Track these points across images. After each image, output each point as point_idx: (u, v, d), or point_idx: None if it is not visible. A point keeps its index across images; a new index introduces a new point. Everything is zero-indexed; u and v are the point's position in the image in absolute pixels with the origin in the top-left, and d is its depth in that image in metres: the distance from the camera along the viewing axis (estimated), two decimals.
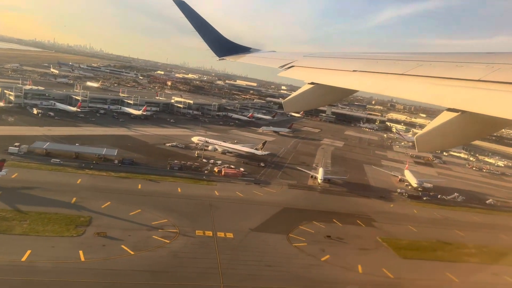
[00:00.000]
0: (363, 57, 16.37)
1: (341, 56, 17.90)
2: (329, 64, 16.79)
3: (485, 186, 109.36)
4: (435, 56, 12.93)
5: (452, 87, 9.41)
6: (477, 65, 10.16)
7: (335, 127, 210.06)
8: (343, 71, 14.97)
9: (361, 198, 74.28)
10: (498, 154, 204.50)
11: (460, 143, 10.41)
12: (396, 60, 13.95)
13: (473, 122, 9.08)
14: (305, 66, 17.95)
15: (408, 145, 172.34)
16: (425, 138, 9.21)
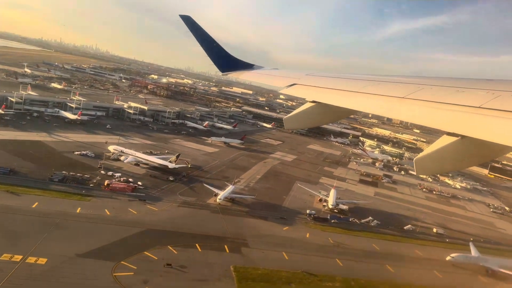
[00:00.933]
0: (365, 79, 16.46)
1: (343, 77, 18.32)
2: (330, 84, 17.08)
3: (419, 210, 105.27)
4: (436, 80, 13.15)
5: (452, 112, 9.46)
6: (478, 91, 10.32)
7: (302, 139, 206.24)
8: (345, 91, 15.16)
9: (258, 219, 70.20)
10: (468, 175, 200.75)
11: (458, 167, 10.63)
12: (398, 83, 14.19)
13: (473, 148, 9.19)
14: (307, 85, 18.03)
15: (367, 161, 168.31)
16: (424, 161, 9.47)
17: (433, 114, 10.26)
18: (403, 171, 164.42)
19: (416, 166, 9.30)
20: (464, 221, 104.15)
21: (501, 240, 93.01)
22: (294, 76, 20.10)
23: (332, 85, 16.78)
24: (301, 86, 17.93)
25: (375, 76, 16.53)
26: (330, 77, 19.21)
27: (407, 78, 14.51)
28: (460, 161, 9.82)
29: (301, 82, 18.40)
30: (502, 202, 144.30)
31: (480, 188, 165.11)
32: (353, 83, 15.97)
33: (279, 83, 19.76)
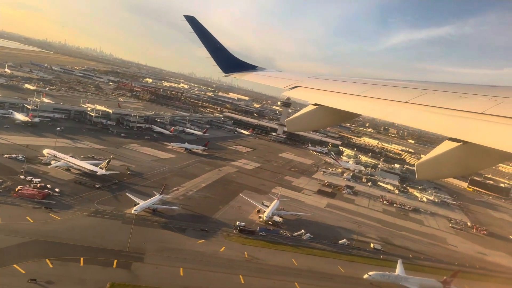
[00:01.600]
0: (368, 82, 16.31)
1: (346, 80, 18.08)
2: (333, 87, 16.91)
3: (368, 223, 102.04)
4: (438, 86, 13.07)
5: (454, 117, 9.68)
6: (480, 97, 10.49)
7: (278, 147, 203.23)
8: (347, 94, 15.07)
9: (173, 231, 66.99)
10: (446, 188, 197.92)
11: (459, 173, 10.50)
12: (400, 87, 14.06)
13: (474, 153, 9.30)
14: (310, 87, 17.82)
15: (336, 172, 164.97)
16: (425, 166, 9.53)
17: (435, 119, 10.24)
18: (371, 182, 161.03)
19: (417, 171, 9.30)
20: (414, 236, 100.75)
21: (445, 257, 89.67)
22: (296, 78, 19.88)
23: (334, 88, 16.75)
24: (303, 89, 17.85)
25: (378, 80, 16.43)
26: (333, 80, 19.09)
27: (410, 83, 14.44)
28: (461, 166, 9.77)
29: (303, 85, 18.33)
30: (468, 218, 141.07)
31: (449, 202, 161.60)
32: (356, 87, 15.94)
33: (281, 85, 19.72)
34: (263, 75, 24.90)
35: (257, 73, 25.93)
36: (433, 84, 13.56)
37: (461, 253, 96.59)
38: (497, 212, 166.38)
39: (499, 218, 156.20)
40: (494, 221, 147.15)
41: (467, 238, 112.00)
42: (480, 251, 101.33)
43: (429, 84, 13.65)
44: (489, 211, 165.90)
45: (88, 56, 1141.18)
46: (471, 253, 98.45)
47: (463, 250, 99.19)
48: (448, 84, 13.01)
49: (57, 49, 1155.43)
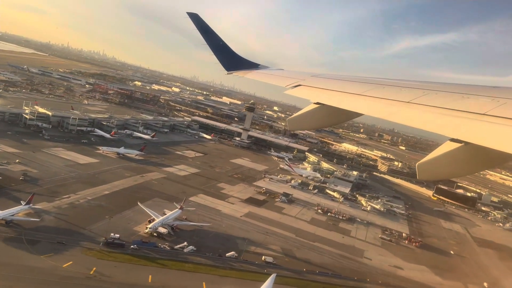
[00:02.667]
0: (370, 82, 16.20)
1: (348, 79, 17.99)
2: (336, 86, 17.05)
3: (281, 234, 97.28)
4: (441, 86, 13.36)
5: (457, 118, 9.66)
6: (482, 98, 10.57)
7: (234, 152, 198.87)
8: (349, 93, 15.17)
9: (19, 245, 62.52)
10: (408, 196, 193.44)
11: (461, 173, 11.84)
12: (402, 87, 14.25)
13: (476, 154, 9.37)
14: (312, 86, 17.68)
15: (284, 179, 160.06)
16: (426, 166, 9.77)
17: (437, 120, 10.23)
18: (316, 190, 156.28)
19: (418, 171, 9.68)
20: (327, 248, 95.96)
21: (348, 270, 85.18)
22: (299, 77, 19.57)
23: (337, 87, 16.51)
24: (305, 87, 17.59)
25: (380, 80, 16.05)
26: (335, 79, 18.70)
27: (412, 83, 14.24)
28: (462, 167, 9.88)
29: (306, 84, 18.05)
30: (408, 228, 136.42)
31: (398, 211, 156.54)
32: (358, 86, 15.66)
33: (283, 84, 19.31)
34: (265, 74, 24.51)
35: (260, 71, 25.49)
36: (436, 84, 13.36)
37: (371, 266, 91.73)
38: (449, 223, 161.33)
39: (447, 229, 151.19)
40: (439, 232, 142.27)
41: (392, 250, 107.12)
42: (396, 265, 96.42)
43: (431, 84, 13.44)
44: (440, 222, 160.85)
45: (88, 59, 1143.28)
46: (384, 266, 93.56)
47: (376, 263, 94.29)
48: (450, 85, 12.80)
49: (57, 51, 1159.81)
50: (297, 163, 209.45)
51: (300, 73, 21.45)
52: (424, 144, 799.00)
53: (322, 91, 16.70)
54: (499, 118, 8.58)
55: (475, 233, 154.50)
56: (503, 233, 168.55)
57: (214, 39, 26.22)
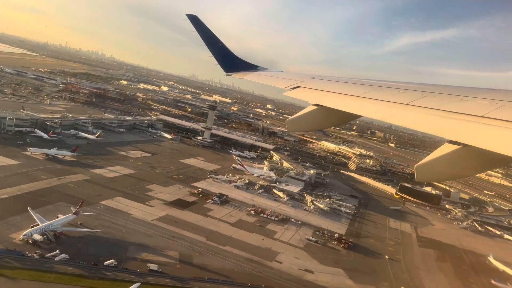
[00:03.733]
0: (369, 84, 16.41)
1: (347, 81, 18.35)
2: (334, 88, 17.20)
3: (190, 238, 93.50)
4: (439, 88, 13.25)
5: (455, 120, 9.79)
6: (481, 100, 10.55)
7: (190, 152, 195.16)
8: (348, 95, 15.40)
9: None
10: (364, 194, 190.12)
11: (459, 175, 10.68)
12: (401, 89, 14.17)
13: (474, 157, 9.39)
14: (311, 88, 18.08)
15: (229, 178, 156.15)
16: (424, 168, 9.69)
17: (435, 122, 10.37)
18: (262, 189, 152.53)
19: (417, 173, 9.65)
20: (236, 252, 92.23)
21: (248, 276, 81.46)
22: (298, 78, 19.58)
23: (335, 89, 16.76)
24: (304, 89, 17.72)
25: (379, 82, 16.23)
26: (334, 81, 18.76)
27: (411, 85, 14.50)
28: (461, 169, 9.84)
29: (304, 85, 18.16)
30: (347, 228, 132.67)
31: (346, 210, 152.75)
32: (357, 88, 15.97)
33: (282, 85, 19.33)
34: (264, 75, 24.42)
35: (258, 73, 25.41)
36: (434, 86, 13.38)
37: (277, 270, 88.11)
38: (399, 222, 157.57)
39: (393, 229, 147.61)
40: (381, 233, 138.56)
41: (313, 252, 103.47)
42: (308, 268, 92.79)
43: (430, 86, 13.50)
44: (389, 221, 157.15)
45: (82, 59, 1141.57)
46: (292, 270, 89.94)
47: (285, 267, 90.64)
48: (449, 87, 12.91)
49: (53, 51, 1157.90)
50: (258, 162, 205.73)
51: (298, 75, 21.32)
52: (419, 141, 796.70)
53: (320, 93, 16.67)
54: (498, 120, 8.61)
55: (423, 232, 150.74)
56: (457, 232, 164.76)
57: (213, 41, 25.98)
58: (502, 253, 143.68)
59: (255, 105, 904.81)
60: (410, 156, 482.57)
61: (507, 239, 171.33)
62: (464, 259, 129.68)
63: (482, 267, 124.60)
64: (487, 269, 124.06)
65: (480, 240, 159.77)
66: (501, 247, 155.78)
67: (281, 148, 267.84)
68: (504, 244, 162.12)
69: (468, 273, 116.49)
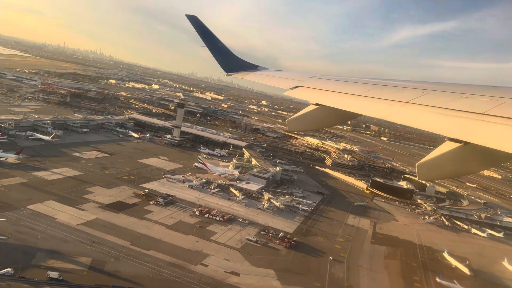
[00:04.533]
0: (369, 82, 16.36)
1: (347, 80, 18.36)
2: (335, 87, 17.17)
3: (113, 242, 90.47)
4: (440, 86, 13.35)
5: (456, 118, 9.71)
6: (482, 97, 10.58)
7: (153, 151, 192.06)
8: (349, 94, 15.31)
9: None
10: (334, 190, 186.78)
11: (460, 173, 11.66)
12: (401, 87, 14.25)
13: (475, 154, 9.45)
14: (311, 87, 18.15)
15: (185, 178, 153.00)
16: (426, 166, 9.80)
17: (436, 120, 10.23)
18: (218, 189, 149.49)
19: (418, 172, 9.90)
20: (159, 256, 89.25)
21: (159, 282, 78.23)
22: (298, 78, 19.99)
23: (336, 88, 16.73)
24: (304, 89, 17.98)
25: (379, 80, 16.35)
26: (334, 80, 18.96)
27: (411, 83, 14.48)
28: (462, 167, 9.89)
29: (305, 85, 18.42)
30: (296, 227, 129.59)
31: (306, 208, 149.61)
32: (357, 87, 15.95)
33: (283, 85, 19.88)
34: (264, 75, 24.26)
35: (259, 72, 25.34)
36: (435, 84, 13.53)
37: (199, 274, 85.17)
38: (359, 218, 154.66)
39: (350, 225, 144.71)
40: (334, 230, 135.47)
41: (248, 253, 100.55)
42: (235, 271, 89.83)
43: (430, 84, 13.63)
44: (349, 217, 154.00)
45: (78, 59, 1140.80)
46: (217, 273, 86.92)
47: (209, 270, 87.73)
48: (449, 84, 13.07)
49: (49, 52, 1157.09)
50: (225, 160, 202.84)
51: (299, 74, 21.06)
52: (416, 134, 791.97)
53: (321, 92, 16.56)
54: (498, 117, 8.58)
55: (382, 229, 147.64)
56: (420, 227, 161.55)
57: (213, 41, 25.78)
58: (462, 248, 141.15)
59: (249, 102, 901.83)
60: (400, 150, 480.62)
61: (474, 233, 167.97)
62: (417, 255, 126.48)
63: (434, 264, 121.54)
64: (439, 265, 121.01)
65: (443, 235, 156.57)
66: (463, 242, 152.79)
67: (257, 145, 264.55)
68: (468, 239, 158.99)
69: (415, 271, 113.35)
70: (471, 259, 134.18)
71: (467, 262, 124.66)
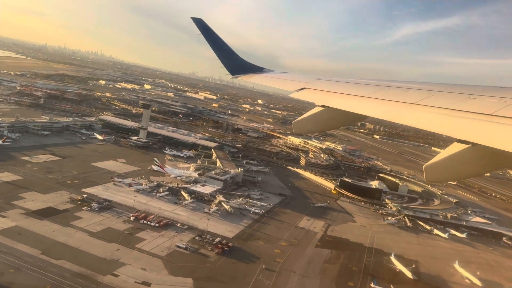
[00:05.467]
0: (375, 84, 16.23)
1: (354, 81, 18.31)
2: (340, 88, 17.32)
3: (17, 251, 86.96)
4: (446, 87, 13.18)
5: (463, 119, 9.58)
6: (489, 98, 10.45)
7: (112, 154, 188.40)
8: (355, 96, 15.32)
9: None
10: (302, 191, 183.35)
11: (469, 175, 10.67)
12: (408, 88, 14.12)
13: (484, 156, 9.41)
14: (317, 89, 18.23)
15: (135, 181, 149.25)
16: (433, 168, 9.71)
17: (444, 121, 10.09)
18: (168, 192, 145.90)
19: (426, 173, 9.60)
20: (67, 266, 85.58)
21: None
22: (304, 80, 20.04)
23: (341, 89, 16.89)
24: (310, 90, 18.12)
25: (385, 82, 16.13)
26: (339, 81, 19.03)
27: (417, 84, 14.41)
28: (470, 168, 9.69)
29: (310, 86, 18.59)
30: (239, 231, 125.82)
31: (254, 210, 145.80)
32: (362, 88, 15.87)
33: (288, 87, 19.64)
34: (270, 77, 24.50)
35: (264, 75, 25.34)
36: (441, 85, 13.43)
37: (106, 285, 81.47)
38: (313, 220, 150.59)
39: (300, 228, 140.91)
40: (281, 233, 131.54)
41: (171, 261, 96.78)
42: (148, 280, 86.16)
43: (437, 85, 13.56)
44: (303, 219, 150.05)
45: (77, 60, 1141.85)
46: (126, 284, 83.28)
47: (119, 280, 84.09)
48: (456, 85, 12.69)
49: (48, 54, 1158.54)
50: (189, 162, 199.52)
51: (305, 76, 20.93)
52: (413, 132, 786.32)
53: (327, 94, 16.68)
54: (507, 118, 8.44)
55: (335, 230, 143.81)
56: (378, 228, 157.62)
57: (219, 44, 25.68)
58: (416, 250, 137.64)
59: (245, 101, 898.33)
60: (390, 148, 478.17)
61: (436, 234, 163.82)
62: (362, 259, 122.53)
63: (377, 268, 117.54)
64: (381, 269, 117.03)
65: (400, 237, 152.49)
66: (420, 244, 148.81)
67: (230, 146, 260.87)
68: (427, 240, 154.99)
69: (353, 276, 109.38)
70: (423, 262, 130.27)
71: (413, 266, 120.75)
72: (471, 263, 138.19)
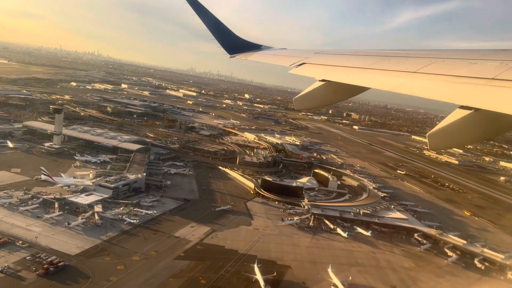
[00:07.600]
0: (375, 54, 15.76)
1: (353, 53, 17.56)
2: (340, 61, 16.68)
3: None
4: (447, 53, 12.64)
5: (465, 85, 9.45)
6: (491, 62, 10.07)
7: (14, 163, 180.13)
8: (355, 68, 14.75)
9: None
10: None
11: (472, 141, 10.28)
12: (408, 57, 13.59)
13: (486, 120, 9.14)
14: (316, 63, 17.48)
15: (26, 192, 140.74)
16: (437, 136, 9.47)
17: (445, 88, 9.97)
18: (38, 204, 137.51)
19: (429, 141, 9.39)
20: None
21: None
22: (303, 55, 19.19)
23: (342, 62, 16.21)
24: (310, 65, 17.40)
25: (386, 51, 15.35)
26: (340, 54, 18.26)
27: (418, 52, 13.79)
28: (472, 134, 9.38)
29: (310, 61, 17.82)
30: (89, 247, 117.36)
31: (130, 220, 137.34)
32: (363, 60, 15.27)
33: (287, 63, 18.79)
34: (268, 54, 23.84)
35: (262, 52, 24.78)
36: (442, 51, 12.71)
37: None
38: (199, 227, 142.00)
39: (175, 237, 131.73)
40: (142, 246, 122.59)
41: None
42: None
43: (438, 52, 12.87)
44: (187, 227, 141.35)
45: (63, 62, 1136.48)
46: None
47: None
48: (457, 51, 12.11)
49: (38, 56, 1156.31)
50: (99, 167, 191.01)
51: (303, 51, 20.21)
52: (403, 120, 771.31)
53: (327, 68, 16.09)
54: (509, 81, 8.29)
55: (216, 237, 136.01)
56: (272, 231, 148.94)
57: (214, 23, 25.11)
58: (294, 254, 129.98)
59: (230, 96, 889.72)
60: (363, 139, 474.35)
61: (337, 233, 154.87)
62: (223, 267, 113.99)
63: (233, 278, 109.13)
64: (236, 279, 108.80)
65: (290, 239, 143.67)
66: (305, 246, 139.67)
67: (162, 147, 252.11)
68: (319, 241, 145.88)
69: None
70: (295, 267, 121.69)
71: (274, 274, 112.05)
72: (355, 266, 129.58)
